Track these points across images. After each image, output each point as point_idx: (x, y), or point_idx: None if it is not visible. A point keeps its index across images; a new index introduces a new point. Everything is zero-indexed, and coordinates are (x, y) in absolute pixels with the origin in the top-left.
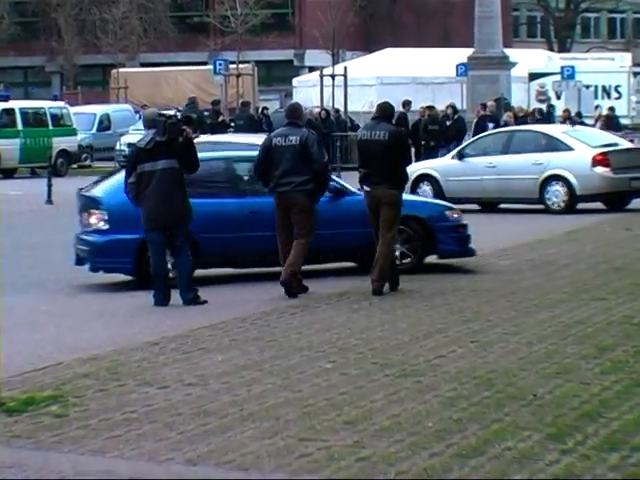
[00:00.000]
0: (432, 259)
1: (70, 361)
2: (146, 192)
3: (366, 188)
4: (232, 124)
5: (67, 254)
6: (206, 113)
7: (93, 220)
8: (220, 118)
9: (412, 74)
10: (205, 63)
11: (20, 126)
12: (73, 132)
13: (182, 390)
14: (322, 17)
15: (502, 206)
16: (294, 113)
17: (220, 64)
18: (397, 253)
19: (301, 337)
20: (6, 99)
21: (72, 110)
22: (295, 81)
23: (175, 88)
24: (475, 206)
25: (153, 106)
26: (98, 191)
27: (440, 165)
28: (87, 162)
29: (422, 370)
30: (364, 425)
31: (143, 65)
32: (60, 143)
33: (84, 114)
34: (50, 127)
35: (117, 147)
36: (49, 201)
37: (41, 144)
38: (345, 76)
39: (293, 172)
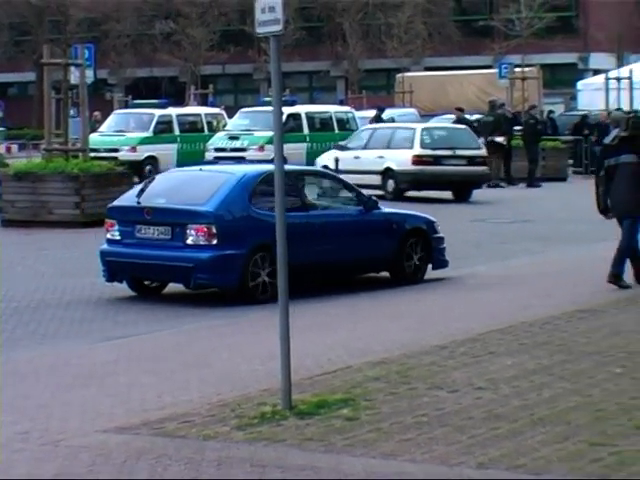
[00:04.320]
0: None
1: (360, 364)
2: (612, 184)
3: None
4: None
5: None
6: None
7: (197, 234)
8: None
9: None
10: (489, 67)
11: (306, 130)
12: None
13: (472, 394)
14: (607, 20)
15: None
16: None
17: (505, 67)
18: None
19: (590, 341)
20: (292, 104)
21: (357, 114)
22: (580, 84)
23: (460, 92)
24: None
25: (438, 110)
26: (206, 203)
27: None
28: None
29: None
30: None
31: (427, 69)
32: None
33: (369, 118)
34: (336, 131)
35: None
36: None
37: (327, 148)
38: (631, 79)
39: None
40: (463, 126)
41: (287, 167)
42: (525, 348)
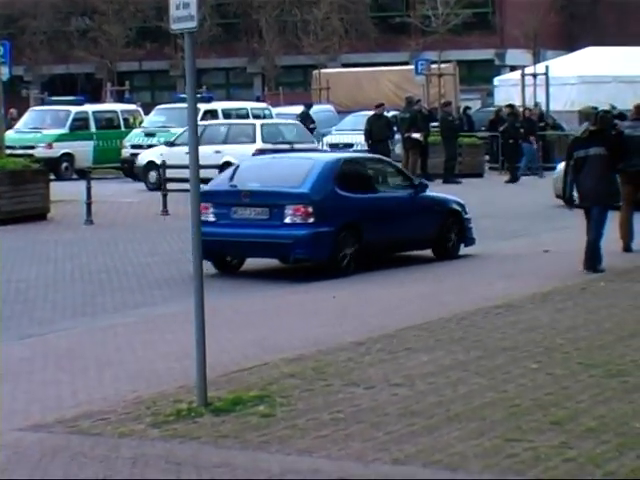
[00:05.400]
0: None
1: (276, 361)
2: (580, 174)
3: None
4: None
5: None
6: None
7: (294, 214)
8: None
9: (614, 73)
10: (406, 63)
11: None
12: None
13: (388, 390)
14: (523, 16)
15: None
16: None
17: (422, 64)
18: None
19: (506, 337)
20: (209, 100)
21: (274, 111)
22: (496, 80)
23: (376, 88)
24: None
25: (355, 106)
26: (302, 185)
27: None
28: None
29: (628, 370)
30: (570, 426)
31: (344, 66)
32: None
33: (286, 115)
34: None
35: (320, 147)
36: None
37: None
38: (547, 75)
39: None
40: (296, 121)
41: (354, 154)
42: (441, 344)
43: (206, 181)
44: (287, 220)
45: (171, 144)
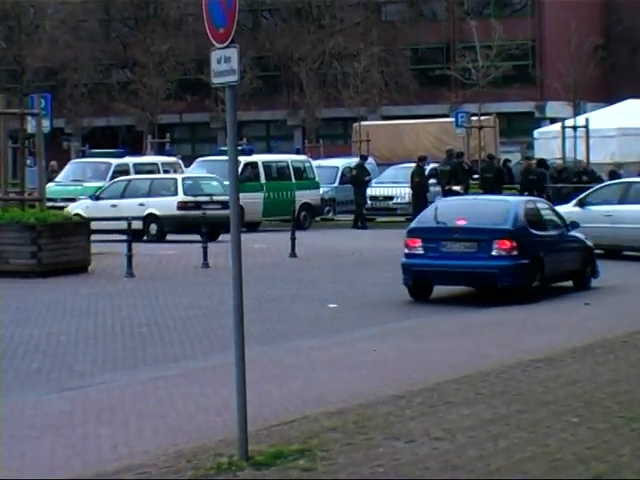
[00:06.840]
0: None
1: (317, 414)
2: None
3: None
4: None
5: (312, 306)
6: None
7: (500, 247)
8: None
9: None
10: (446, 115)
11: (263, 180)
12: (316, 185)
13: (429, 444)
14: (563, 69)
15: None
16: None
17: (462, 116)
18: None
19: (547, 391)
20: (249, 153)
21: (314, 163)
22: (536, 133)
23: (416, 141)
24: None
25: (395, 159)
26: (505, 223)
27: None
28: (330, 215)
29: None
30: None
31: (384, 118)
32: (303, 196)
33: (326, 167)
34: (293, 180)
35: None
36: (293, 254)
37: (284, 197)
38: (587, 127)
39: None
40: (215, 176)
41: (530, 198)
42: (482, 398)
43: (134, 232)
44: (494, 253)
45: (96, 198)
